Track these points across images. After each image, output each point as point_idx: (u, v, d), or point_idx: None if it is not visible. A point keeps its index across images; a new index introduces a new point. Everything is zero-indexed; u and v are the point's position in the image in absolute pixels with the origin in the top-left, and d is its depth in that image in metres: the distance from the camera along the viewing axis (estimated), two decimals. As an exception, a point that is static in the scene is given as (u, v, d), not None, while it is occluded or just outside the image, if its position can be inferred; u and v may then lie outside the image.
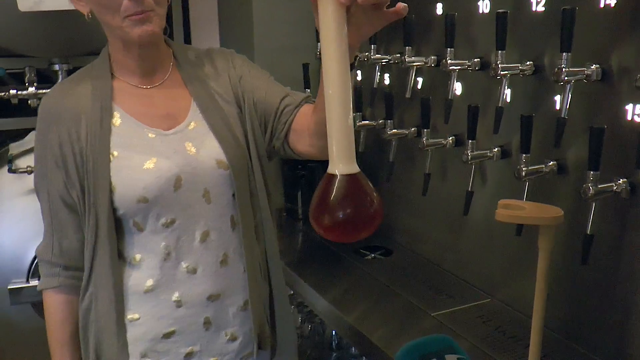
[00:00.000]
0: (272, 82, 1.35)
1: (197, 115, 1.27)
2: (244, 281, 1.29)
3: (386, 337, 1.44)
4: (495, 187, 1.57)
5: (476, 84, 1.57)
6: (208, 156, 1.24)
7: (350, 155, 0.85)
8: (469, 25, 1.56)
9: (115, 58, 1.26)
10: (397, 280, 1.75)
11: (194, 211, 1.23)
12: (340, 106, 0.84)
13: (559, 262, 1.32)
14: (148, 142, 1.22)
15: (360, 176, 0.85)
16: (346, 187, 0.83)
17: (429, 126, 1.63)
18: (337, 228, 0.85)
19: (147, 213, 1.21)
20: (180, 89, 1.29)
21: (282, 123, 1.30)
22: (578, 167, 1.31)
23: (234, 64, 1.34)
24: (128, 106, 1.25)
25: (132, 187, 1.19)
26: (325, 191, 0.84)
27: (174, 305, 1.24)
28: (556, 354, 1.34)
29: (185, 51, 1.34)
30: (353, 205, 0.84)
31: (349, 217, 0.84)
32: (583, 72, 1.22)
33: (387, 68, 1.92)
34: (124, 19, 1.14)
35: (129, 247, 1.24)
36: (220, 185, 1.25)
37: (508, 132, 1.45)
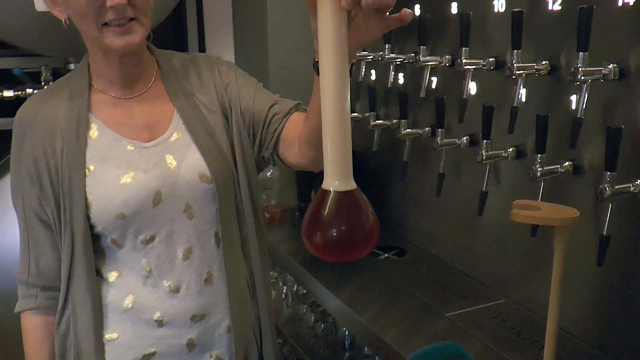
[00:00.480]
0: (260, 89, 1.29)
1: (179, 127, 1.21)
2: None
3: (399, 337, 1.44)
4: (509, 187, 1.56)
5: (491, 84, 1.56)
6: (190, 169, 1.18)
7: (347, 170, 0.79)
8: (484, 24, 1.55)
9: (95, 68, 1.20)
10: (410, 280, 1.74)
11: (175, 227, 1.18)
12: (338, 119, 0.78)
13: (574, 264, 1.31)
14: (126, 155, 1.17)
15: (357, 193, 0.80)
16: (341, 205, 0.78)
17: (443, 126, 1.62)
18: (330, 248, 0.80)
19: (126, 229, 1.16)
20: (162, 99, 1.23)
21: (270, 132, 1.24)
22: (594, 168, 1.30)
23: (220, 72, 1.28)
24: (106, 117, 1.19)
25: (109, 203, 1.13)
26: (318, 208, 0.79)
27: (155, 324, 1.19)
28: (571, 357, 1.33)
29: (170, 59, 1.28)
30: (347, 225, 0.80)
31: (342, 237, 0.79)
32: (600, 71, 1.21)
33: (401, 67, 1.91)
34: (103, 27, 1.07)
35: (108, 264, 1.20)
36: (203, 199, 1.19)
37: (523, 132, 1.44)
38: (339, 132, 0.78)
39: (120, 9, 1.05)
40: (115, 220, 1.14)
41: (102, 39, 1.09)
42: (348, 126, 0.79)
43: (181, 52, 1.32)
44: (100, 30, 1.08)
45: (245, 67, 2.81)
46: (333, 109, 0.78)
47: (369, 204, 0.81)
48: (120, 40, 1.08)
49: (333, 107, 0.78)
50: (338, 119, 0.78)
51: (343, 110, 0.78)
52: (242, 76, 1.30)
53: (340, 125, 0.78)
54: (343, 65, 0.77)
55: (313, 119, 1.10)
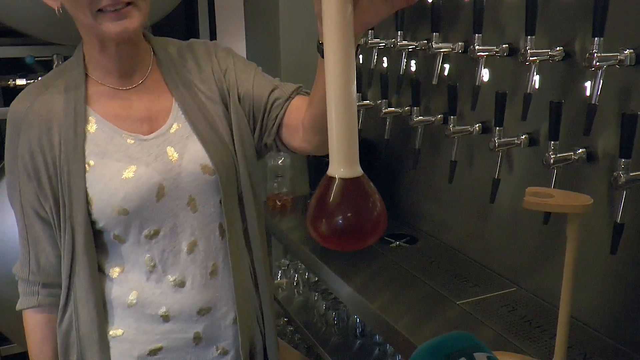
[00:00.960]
0: (259, 74, 1.24)
1: (179, 117, 1.18)
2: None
3: (411, 325, 1.44)
4: (522, 174, 1.55)
5: (504, 70, 1.55)
6: (192, 161, 1.15)
7: (353, 156, 0.76)
8: (497, 10, 1.53)
9: (91, 57, 1.15)
10: (422, 268, 1.74)
11: (179, 221, 1.16)
12: (343, 102, 0.75)
13: (587, 252, 1.30)
14: (126, 149, 1.14)
15: (363, 180, 0.77)
16: (346, 192, 0.76)
17: (455, 113, 1.61)
18: (336, 236, 0.77)
19: (129, 225, 1.13)
20: (161, 89, 1.19)
21: (272, 118, 1.20)
22: (608, 155, 1.28)
23: (217, 58, 1.24)
24: (104, 110, 1.15)
25: (111, 199, 1.11)
26: (323, 195, 0.76)
27: (161, 320, 1.18)
28: (583, 345, 1.33)
29: (166, 46, 1.24)
30: (353, 212, 0.77)
31: (348, 225, 0.76)
32: (616, 57, 1.19)
33: (413, 54, 1.90)
34: (98, 14, 1.03)
35: (111, 259, 1.18)
36: (206, 191, 1.17)
37: (536, 119, 1.43)
38: (344, 116, 0.76)
39: None
40: (118, 216, 1.12)
41: (98, 26, 1.04)
42: (354, 110, 0.77)
43: (178, 39, 1.28)
44: (95, 17, 1.03)
45: (257, 54, 2.82)
46: (338, 93, 0.76)
47: (376, 191, 0.78)
48: (116, 26, 1.04)
49: (338, 91, 0.76)
50: (343, 102, 0.75)
51: (348, 93, 0.76)
52: (240, 61, 1.26)
53: (346, 110, 0.76)
54: (349, 47, 0.75)
55: (317, 104, 1.06)
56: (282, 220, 2.29)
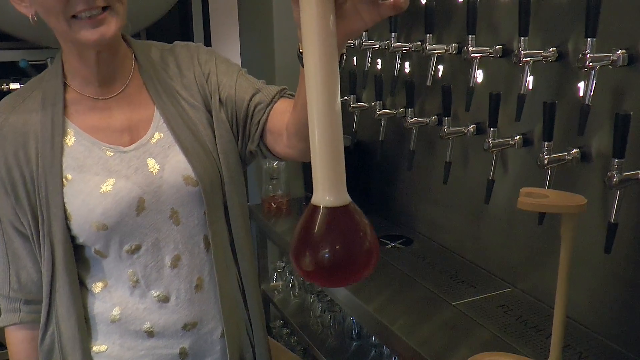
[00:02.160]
0: (242, 77, 1.18)
1: (161, 126, 1.13)
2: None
3: (407, 326, 1.44)
4: (517, 175, 1.55)
5: (498, 71, 1.55)
6: (173, 172, 1.11)
7: (339, 183, 0.68)
8: (490, 11, 1.54)
9: (69, 66, 1.11)
10: (417, 269, 1.74)
11: (161, 235, 1.11)
12: (326, 123, 0.66)
13: (581, 252, 1.30)
14: (105, 162, 1.09)
15: (352, 208, 0.68)
16: (333, 223, 0.67)
17: (450, 114, 1.62)
18: (322, 273, 0.68)
19: (109, 240, 1.09)
20: (142, 97, 1.15)
21: (254, 124, 1.15)
22: (602, 155, 1.29)
23: (199, 61, 1.19)
24: (83, 122, 1.11)
25: (90, 214, 1.06)
26: (307, 227, 0.67)
27: (145, 335, 1.15)
28: (579, 345, 1.33)
29: (148, 50, 1.19)
30: (341, 246, 0.68)
31: (336, 260, 0.67)
32: (609, 57, 1.19)
33: (407, 56, 1.90)
34: (72, 20, 0.98)
35: (93, 274, 1.15)
36: (189, 203, 1.12)
37: (530, 119, 1.43)
38: (327, 138, 0.67)
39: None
40: (98, 232, 1.08)
41: (73, 34, 1.00)
42: (339, 130, 0.67)
43: (161, 42, 1.24)
44: (70, 23, 0.98)
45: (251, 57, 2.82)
46: (321, 112, 0.66)
47: (367, 220, 0.69)
48: (92, 34, 0.99)
49: (321, 110, 0.66)
50: (326, 123, 0.66)
51: (332, 112, 0.66)
52: (223, 63, 1.20)
53: (329, 131, 0.66)
54: (332, 61, 0.66)
55: (300, 112, 1.00)
56: (277, 223, 2.29)
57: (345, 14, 0.72)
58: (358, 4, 0.72)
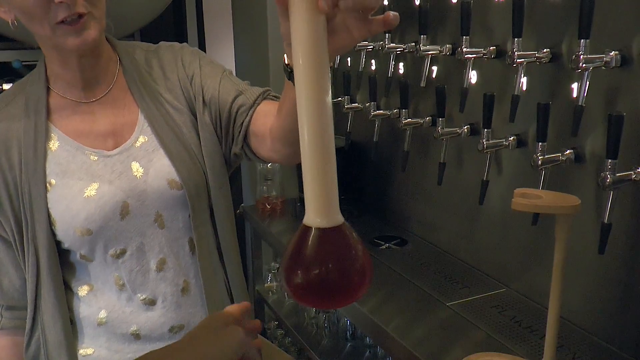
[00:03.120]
0: (226, 78, 1.18)
1: (145, 129, 1.13)
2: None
3: (401, 327, 1.44)
4: (511, 176, 1.55)
5: (492, 72, 1.56)
6: (157, 176, 1.11)
7: (331, 203, 0.66)
8: (484, 12, 1.54)
9: (52, 70, 1.11)
10: (411, 270, 1.74)
11: (146, 239, 1.12)
12: (318, 142, 0.64)
13: (575, 252, 1.31)
14: (89, 167, 1.09)
15: (344, 229, 0.67)
16: (325, 245, 0.65)
17: (444, 115, 1.62)
18: (314, 295, 0.67)
19: (94, 245, 1.09)
20: (126, 100, 1.15)
21: (237, 127, 1.14)
22: (596, 156, 1.29)
23: (183, 62, 1.18)
24: (66, 126, 1.11)
25: (73, 220, 1.06)
26: (299, 248, 0.66)
27: (132, 338, 1.15)
28: (573, 345, 1.33)
29: (133, 52, 1.18)
30: (334, 268, 0.66)
31: (328, 283, 0.66)
32: (602, 58, 1.20)
33: (401, 57, 1.90)
34: (55, 26, 0.99)
35: (79, 278, 1.15)
36: (173, 207, 1.12)
37: (524, 120, 1.44)
38: (319, 159, 0.65)
39: (70, 3, 0.96)
40: (82, 237, 1.08)
41: (57, 39, 1.01)
42: (330, 150, 0.65)
43: (147, 43, 1.23)
44: (54, 29, 0.99)
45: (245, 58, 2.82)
46: (313, 132, 0.63)
47: (360, 241, 0.68)
48: (75, 40, 1.00)
49: (313, 130, 0.63)
50: (319, 142, 0.64)
51: (324, 131, 0.64)
52: (207, 65, 1.19)
53: (321, 151, 0.64)
54: (323, 77, 0.63)
55: (285, 118, 1.00)
56: (271, 224, 2.29)
57: (334, 30, 0.70)
58: (348, 19, 0.70)
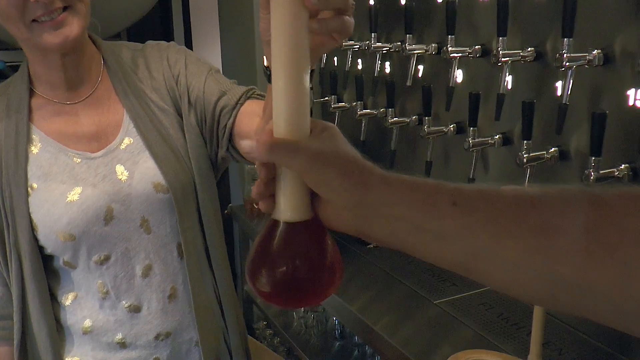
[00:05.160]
0: (210, 77, 1.13)
1: (130, 131, 1.10)
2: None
3: (389, 326, 1.44)
4: (497, 174, 1.56)
5: (477, 71, 1.57)
6: (143, 180, 1.07)
7: (301, 197, 0.62)
8: (470, 12, 1.55)
9: (35, 71, 1.08)
10: (399, 268, 1.74)
11: (132, 244, 1.08)
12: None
13: (561, 249, 1.32)
14: (72, 169, 1.06)
15: (314, 223, 0.63)
16: (293, 239, 0.62)
17: (430, 114, 1.63)
18: (279, 293, 0.62)
19: (77, 251, 1.06)
20: (111, 101, 1.11)
21: (221, 128, 1.11)
22: (580, 153, 1.31)
23: (169, 62, 1.15)
24: (49, 127, 1.08)
25: (55, 225, 1.03)
26: (265, 243, 0.62)
27: (118, 347, 1.12)
28: (558, 341, 1.34)
29: (119, 52, 1.15)
30: (302, 264, 0.62)
31: (295, 280, 0.61)
32: (585, 57, 1.21)
33: (387, 56, 1.91)
34: (33, 24, 0.95)
35: (63, 286, 1.12)
36: (160, 211, 1.09)
37: (510, 118, 1.45)
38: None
39: (47, 1, 0.92)
40: (65, 242, 1.05)
41: (35, 38, 0.96)
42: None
43: (134, 43, 1.20)
44: (31, 28, 0.95)
45: (232, 58, 2.81)
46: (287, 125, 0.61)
47: (330, 237, 0.65)
48: (55, 37, 0.96)
49: (288, 123, 0.61)
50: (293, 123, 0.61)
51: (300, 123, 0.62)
52: (193, 63, 1.15)
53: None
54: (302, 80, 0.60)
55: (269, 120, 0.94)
56: (260, 224, 2.28)
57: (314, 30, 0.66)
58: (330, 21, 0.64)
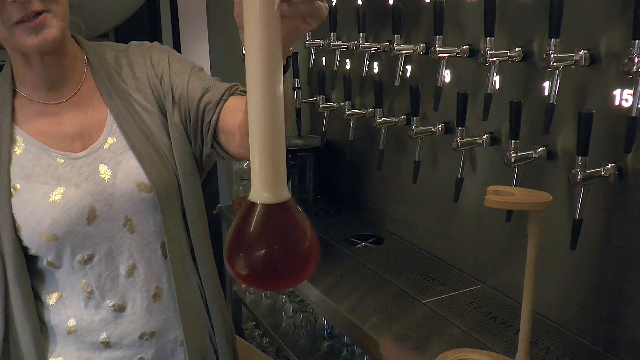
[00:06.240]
0: (194, 75, 1.15)
1: (114, 131, 1.10)
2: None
3: (378, 325, 1.45)
4: (485, 173, 1.57)
5: (465, 71, 1.57)
6: (126, 179, 1.08)
7: (278, 178, 0.64)
8: (457, 12, 1.55)
9: (17, 72, 1.08)
10: (388, 268, 1.75)
11: (115, 244, 1.09)
12: (265, 116, 0.63)
13: (548, 248, 1.32)
14: (55, 170, 1.07)
15: (291, 205, 0.64)
16: (270, 221, 0.63)
17: (418, 114, 1.63)
18: (256, 274, 0.64)
19: (60, 251, 1.06)
20: (95, 100, 1.12)
21: (205, 125, 1.12)
22: (567, 153, 1.31)
23: (152, 62, 1.16)
24: (32, 128, 1.08)
25: (38, 225, 1.04)
26: (242, 225, 0.63)
27: (102, 346, 1.12)
28: (546, 339, 1.35)
29: (102, 52, 1.16)
30: (278, 245, 0.64)
31: (271, 261, 0.63)
32: (572, 57, 1.22)
33: (375, 56, 1.91)
34: (12, 27, 0.96)
35: (47, 286, 1.12)
36: (144, 211, 1.09)
37: (497, 118, 1.45)
38: (266, 129, 0.63)
39: (23, 2, 0.94)
40: (48, 243, 1.05)
41: (16, 40, 0.98)
42: (279, 123, 0.64)
43: (117, 43, 1.21)
44: (11, 30, 0.97)
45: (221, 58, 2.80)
46: (260, 103, 0.62)
47: (306, 219, 0.66)
48: (34, 39, 0.97)
49: (260, 101, 0.62)
50: (265, 114, 0.63)
51: (272, 103, 0.63)
52: (176, 62, 1.16)
53: (268, 122, 0.63)
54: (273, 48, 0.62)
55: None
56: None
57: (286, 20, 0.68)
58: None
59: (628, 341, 1.25)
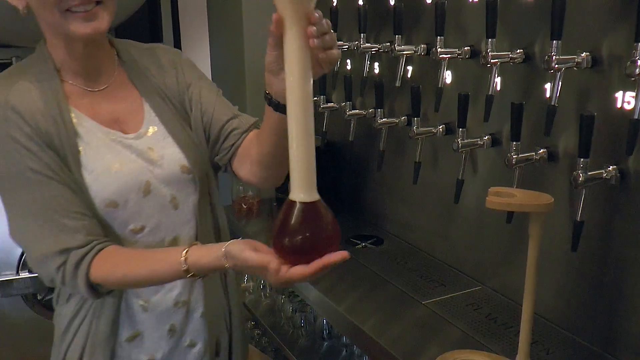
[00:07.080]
0: (220, 97, 1.28)
1: (153, 120, 1.20)
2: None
3: (377, 326, 1.45)
4: (485, 175, 1.57)
5: (466, 73, 1.57)
6: (172, 162, 1.19)
7: (311, 183, 0.91)
8: (459, 13, 1.55)
9: (57, 58, 1.13)
10: (388, 269, 1.75)
11: (162, 218, 1.19)
12: (303, 137, 0.90)
13: (549, 249, 1.33)
14: (112, 145, 1.14)
15: (320, 204, 0.92)
16: (305, 215, 0.91)
17: (419, 115, 1.63)
18: (296, 251, 0.92)
19: (116, 218, 1.14)
20: (127, 92, 1.20)
21: (227, 146, 1.24)
22: (568, 155, 1.31)
23: (182, 69, 1.26)
24: (83, 108, 1.14)
25: (101, 191, 1.11)
26: (286, 217, 0.91)
27: (141, 309, 1.20)
28: (546, 341, 1.35)
29: (129, 49, 1.24)
30: (312, 231, 0.92)
31: (307, 241, 0.92)
32: (573, 59, 1.22)
33: (377, 57, 1.91)
34: (65, 13, 1.02)
35: None
36: (185, 190, 1.21)
37: (498, 120, 1.45)
38: (304, 148, 0.90)
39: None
40: (106, 209, 1.12)
41: (67, 26, 1.03)
42: (313, 140, 0.91)
43: (137, 42, 1.28)
44: (64, 16, 1.02)
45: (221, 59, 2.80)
46: (299, 129, 0.90)
47: (331, 213, 0.94)
48: (86, 27, 1.03)
49: (299, 127, 0.90)
50: (304, 137, 0.90)
51: (308, 127, 0.90)
52: (204, 79, 1.28)
53: (306, 141, 0.90)
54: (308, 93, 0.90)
55: (264, 143, 1.14)
56: (248, 224, 2.28)
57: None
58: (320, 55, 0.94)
59: (627, 343, 1.25)
